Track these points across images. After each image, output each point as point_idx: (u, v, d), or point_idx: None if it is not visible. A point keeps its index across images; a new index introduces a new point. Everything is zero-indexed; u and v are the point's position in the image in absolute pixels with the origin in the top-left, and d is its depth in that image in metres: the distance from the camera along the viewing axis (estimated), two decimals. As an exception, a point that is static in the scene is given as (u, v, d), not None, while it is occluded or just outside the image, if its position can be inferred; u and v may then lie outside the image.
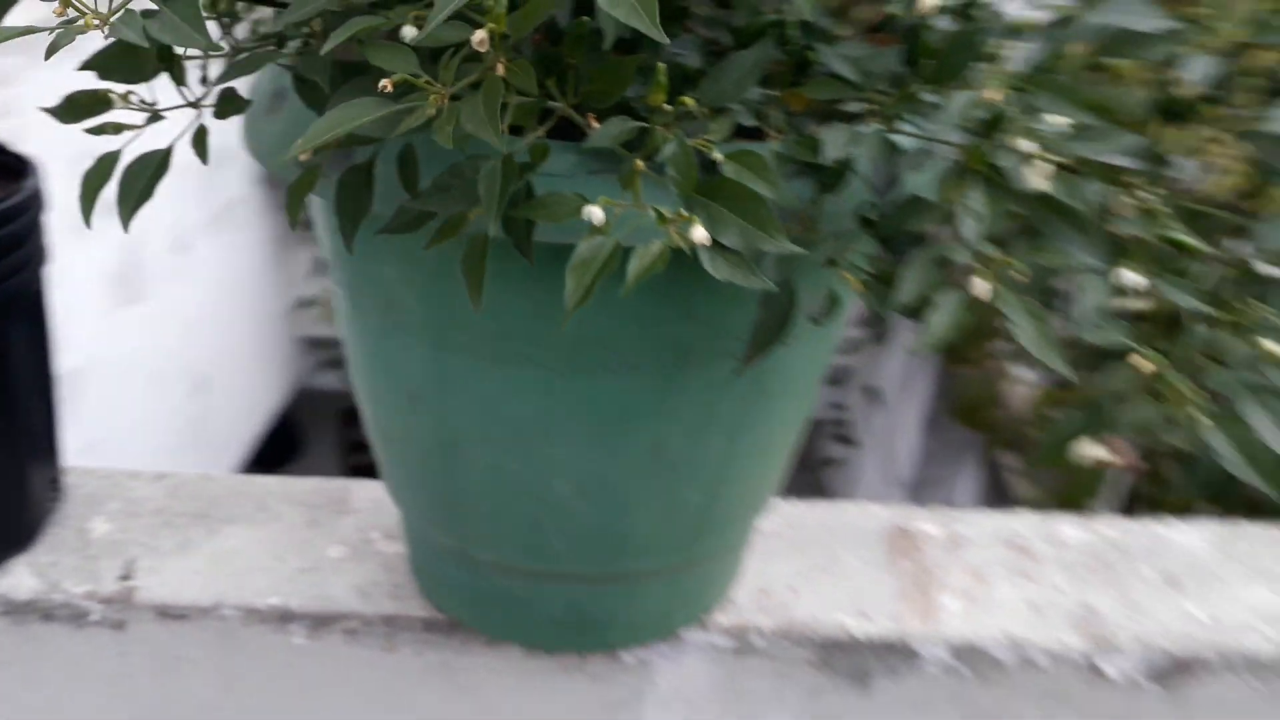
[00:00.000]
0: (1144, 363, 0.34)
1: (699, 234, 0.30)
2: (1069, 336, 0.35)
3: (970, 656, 0.61)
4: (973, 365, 2.05)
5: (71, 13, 0.29)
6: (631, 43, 0.34)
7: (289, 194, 0.36)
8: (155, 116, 0.40)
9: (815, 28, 0.35)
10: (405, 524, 0.59)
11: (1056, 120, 0.36)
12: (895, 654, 0.61)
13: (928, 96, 0.36)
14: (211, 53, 0.39)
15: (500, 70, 0.29)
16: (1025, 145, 0.35)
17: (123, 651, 0.61)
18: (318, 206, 0.47)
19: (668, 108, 0.32)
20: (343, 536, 0.65)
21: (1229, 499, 0.37)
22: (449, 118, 0.29)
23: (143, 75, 0.38)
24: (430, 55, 0.30)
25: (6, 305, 0.57)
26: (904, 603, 0.63)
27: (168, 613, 0.60)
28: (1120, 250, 0.36)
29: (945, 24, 0.37)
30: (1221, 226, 0.38)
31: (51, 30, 0.30)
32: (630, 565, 0.52)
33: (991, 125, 0.35)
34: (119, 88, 0.39)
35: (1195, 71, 0.40)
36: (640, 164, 0.31)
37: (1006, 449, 1.87)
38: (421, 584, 0.60)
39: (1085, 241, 0.35)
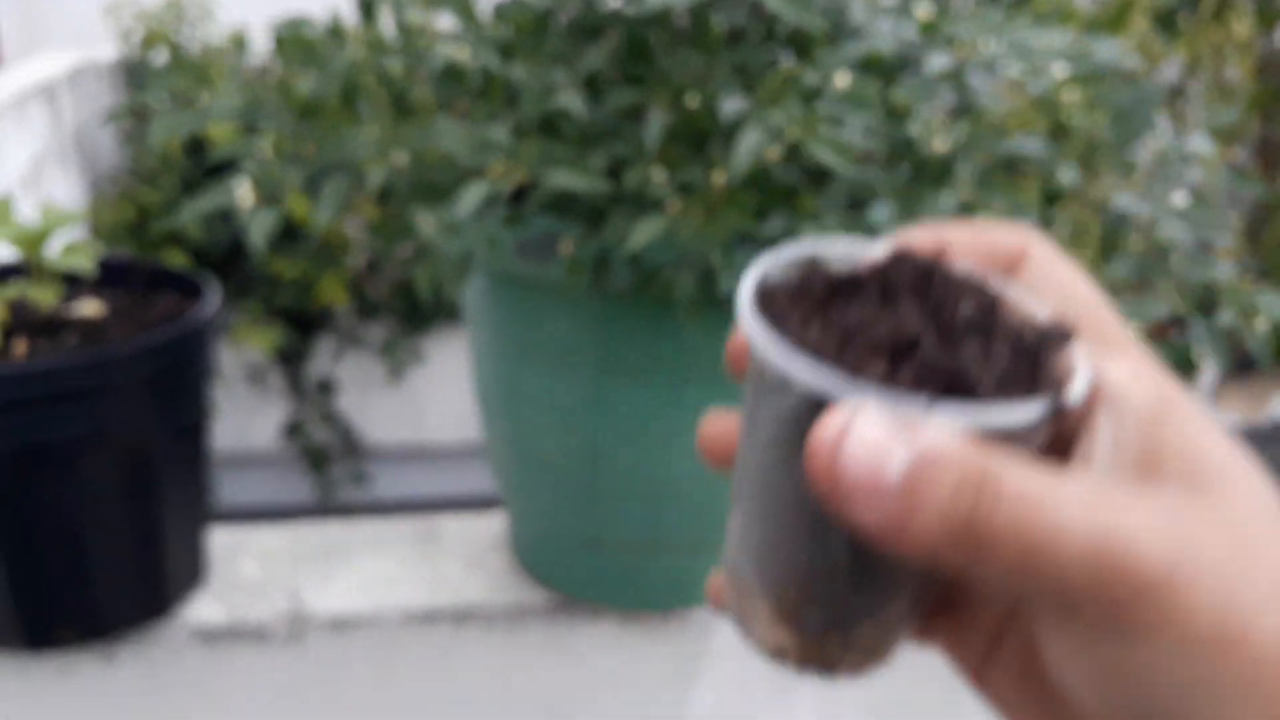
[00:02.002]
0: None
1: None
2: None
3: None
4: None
5: None
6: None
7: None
8: None
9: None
10: (528, 526, 0.76)
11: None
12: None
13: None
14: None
15: (723, 195, 0.50)
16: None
17: (296, 663, 0.75)
18: (486, 295, 0.66)
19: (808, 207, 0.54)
20: (455, 555, 0.82)
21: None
22: (713, 222, 0.49)
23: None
24: (679, 187, 0.50)
25: (197, 393, 0.71)
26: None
27: (339, 623, 0.74)
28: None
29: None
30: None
31: None
32: (716, 532, 0.72)
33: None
34: None
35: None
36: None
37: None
38: (540, 575, 0.77)
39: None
